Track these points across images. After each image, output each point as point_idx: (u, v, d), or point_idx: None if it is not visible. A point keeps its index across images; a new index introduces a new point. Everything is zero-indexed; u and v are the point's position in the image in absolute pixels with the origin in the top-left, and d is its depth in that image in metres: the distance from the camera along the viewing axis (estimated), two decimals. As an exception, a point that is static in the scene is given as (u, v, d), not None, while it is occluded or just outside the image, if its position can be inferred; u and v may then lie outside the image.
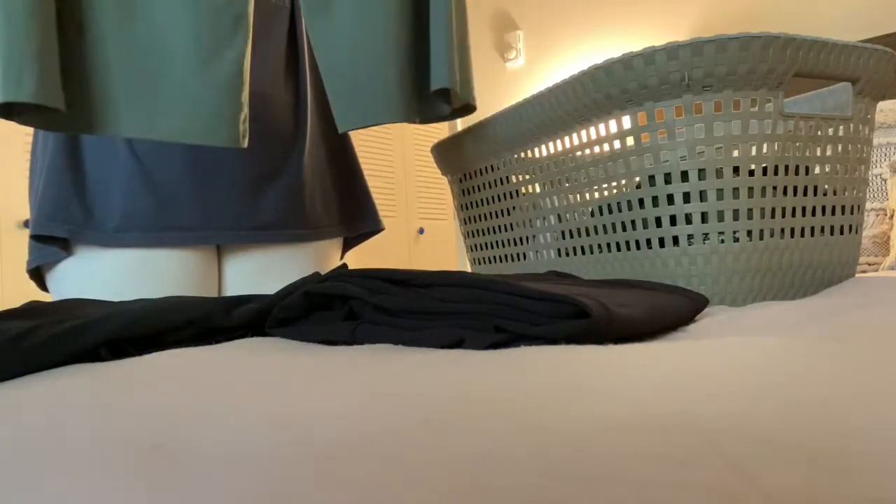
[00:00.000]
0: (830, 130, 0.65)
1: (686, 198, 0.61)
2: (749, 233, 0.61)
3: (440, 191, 3.69)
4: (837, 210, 0.67)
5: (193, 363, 0.38)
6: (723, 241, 0.61)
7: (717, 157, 0.60)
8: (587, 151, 0.70)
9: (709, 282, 0.62)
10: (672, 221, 0.62)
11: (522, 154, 0.80)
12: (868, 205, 1.31)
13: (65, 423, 0.27)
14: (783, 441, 0.19)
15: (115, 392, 0.32)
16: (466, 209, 0.97)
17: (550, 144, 0.75)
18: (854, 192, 0.69)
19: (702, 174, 0.60)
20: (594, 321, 0.37)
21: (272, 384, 0.31)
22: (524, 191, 0.83)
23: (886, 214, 1.29)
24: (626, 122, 0.64)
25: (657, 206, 0.63)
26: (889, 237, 1.28)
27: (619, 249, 0.69)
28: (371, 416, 0.24)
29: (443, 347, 0.40)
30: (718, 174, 0.60)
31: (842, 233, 0.68)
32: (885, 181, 1.30)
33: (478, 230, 0.95)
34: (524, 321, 0.39)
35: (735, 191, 0.60)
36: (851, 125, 0.67)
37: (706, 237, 0.61)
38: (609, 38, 2.29)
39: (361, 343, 0.44)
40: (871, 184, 1.31)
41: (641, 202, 0.64)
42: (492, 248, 0.93)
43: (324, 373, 0.34)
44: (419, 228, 3.46)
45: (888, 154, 1.32)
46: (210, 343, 0.49)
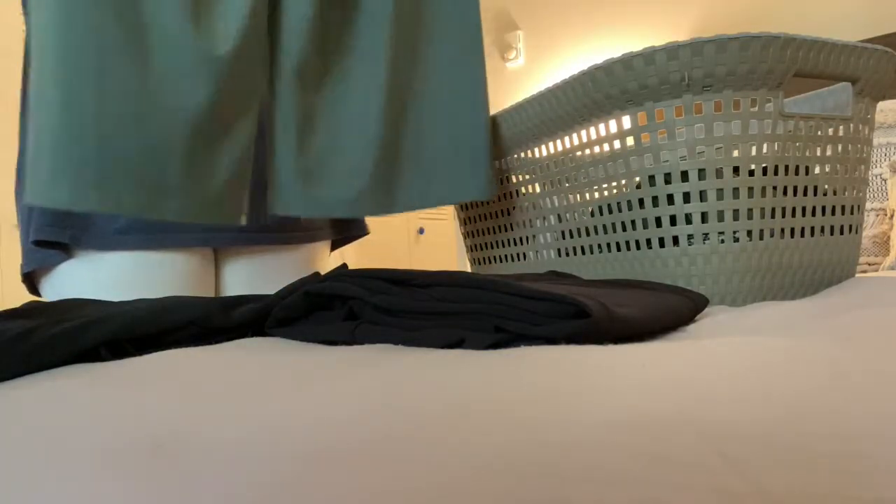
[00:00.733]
0: (830, 130, 0.65)
1: (686, 198, 0.61)
2: (749, 233, 0.61)
3: (440, 191, 3.68)
4: (837, 210, 0.67)
5: (193, 363, 0.38)
6: (723, 241, 0.61)
7: (717, 157, 0.60)
8: (587, 151, 0.70)
9: (709, 282, 0.62)
10: (672, 221, 0.62)
11: (522, 154, 0.80)
12: (868, 205, 1.31)
13: (65, 423, 0.27)
14: (783, 441, 0.19)
15: (115, 392, 0.32)
16: (466, 209, 0.97)
17: (550, 144, 0.75)
18: (854, 192, 0.69)
19: (702, 174, 0.60)
20: (594, 321, 0.37)
21: (272, 384, 0.31)
22: (524, 191, 0.83)
23: (886, 214, 1.29)
24: (626, 122, 0.64)
25: (657, 206, 0.63)
26: (889, 237, 1.28)
27: (619, 249, 0.69)
28: (371, 416, 0.24)
29: (443, 347, 0.40)
30: (718, 174, 0.60)
31: (842, 233, 0.68)
32: (885, 181, 1.30)
33: (478, 230, 0.95)
34: (524, 321, 0.39)
35: (735, 191, 0.60)
36: (851, 125, 0.67)
37: (706, 237, 0.61)
38: (609, 38, 2.29)
39: (361, 343, 0.44)
40: (871, 184, 1.31)
41: (641, 202, 0.64)
42: (492, 248, 0.93)
43: (323, 373, 0.34)
44: (419, 228, 3.46)
45: (888, 154, 1.32)
46: (210, 343, 0.49)
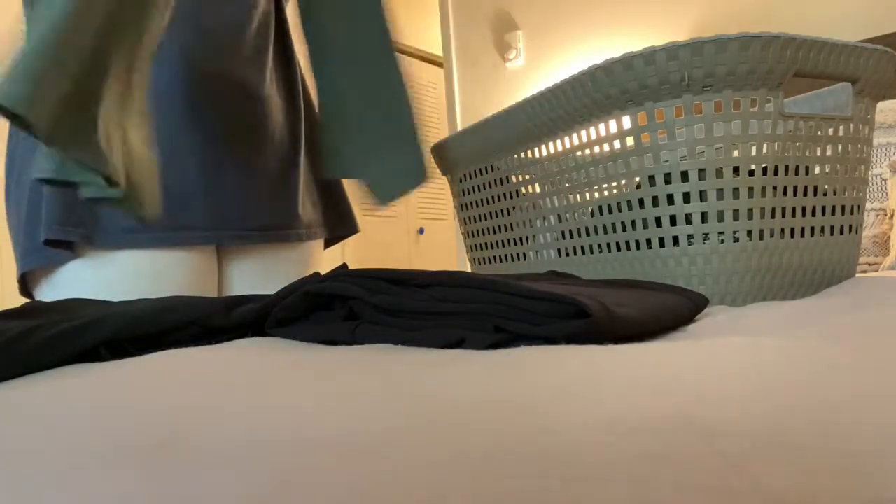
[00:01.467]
0: (830, 130, 0.65)
1: (686, 198, 0.61)
2: (749, 233, 0.61)
3: (440, 191, 3.69)
4: (837, 210, 0.67)
5: (193, 363, 0.38)
6: (723, 241, 0.61)
7: (717, 157, 0.60)
8: (587, 151, 0.70)
9: (709, 282, 0.62)
10: (672, 221, 0.62)
11: (522, 154, 0.80)
12: (868, 205, 1.31)
13: (65, 423, 0.27)
14: (783, 441, 0.19)
15: (115, 392, 0.32)
16: (466, 209, 0.97)
17: (550, 144, 0.75)
18: (854, 192, 0.69)
19: (702, 174, 0.60)
20: (594, 321, 0.37)
21: (272, 384, 0.31)
22: (524, 191, 0.83)
23: (886, 214, 1.29)
24: (626, 122, 0.64)
25: (657, 206, 0.63)
26: (889, 237, 1.28)
27: (619, 249, 0.69)
28: (371, 416, 0.24)
29: (443, 347, 0.40)
30: (718, 174, 0.60)
31: (842, 233, 0.68)
32: (885, 181, 1.30)
33: (478, 230, 0.95)
34: (524, 321, 0.39)
35: (735, 191, 0.60)
36: (851, 125, 0.67)
37: (706, 237, 0.61)
38: (609, 38, 2.29)
39: (361, 343, 0.44)
40: (871, 184, 1.31)
41: (641, 202, 0.64)
42: (492, 248, 0.93)
43: (323, 373, 0.34)
44: (419, 228, 3.46)
45: (888, 154, 1.32)
46: (210, 343, 0.49)
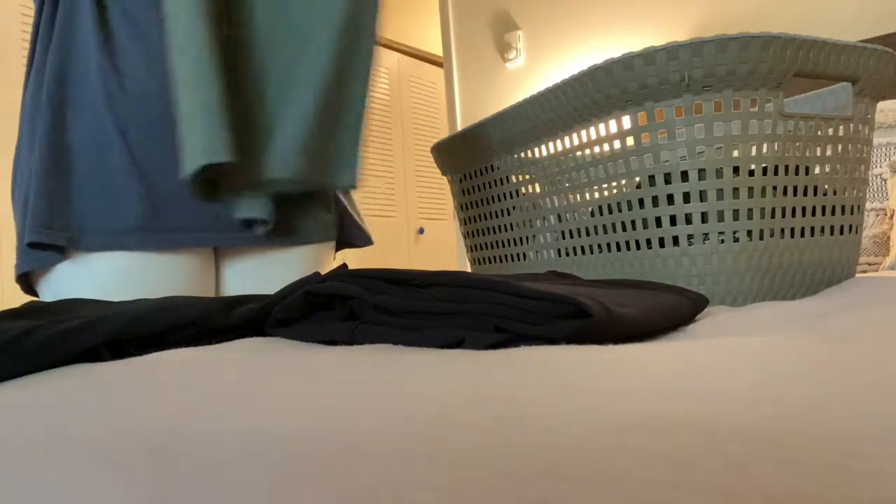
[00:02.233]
0: (830, 130, 0.65)
1: (686, 198, 0.61)
2: (749, 233, 0.61)
3: (440, 191, 3.69)
4: (837, 210, 0.67)
5: (193, 363, 0.38)
6: (723, 241, 0.61)
7: (717, 157, 0.60)
8: (587, 151, 0.70)
9: (709, 282, 0.62)
10: (672, 221, 0.62)
11: (522, 154, 0.80)
12: (868, 205, 1.31)
13: (65, 424, 0.27)
14: (783, 441, 0.19)
15: (115, 392, 0.32)
16: (466, 209, 0.97)
17: (550, 144, 0.75)
18: (854, 192, 0.69)
19: (702, 174, 0.60)
20: (594, 321, 0.37)
21: (272, 384, 0.31)
22: (524, 191, 0.83)
23: (886, 214, 1.29)
24: (626, 122, 0.64)
25: (657, 206, 0.63)
26: (889, 237, 1.28)
27: (619, 249, 0.69)
28: (370, 417, 0.24)
29: (443, 347, 0.40)
30: (718, 174, 0.60)
31: (842, 233, 0.68)
32: (885, 181, 1.30)
33: (478, 230, 0.95)
34: (524, 321, 0.39)
35: (735, 191, 0.60)
36: (851, 125, 0.67)
37: (706, 237, 0.61)
38: (609, 38, 2.29)
39: (361, 343, 0.44)
40: (871, 184, 1.31)
41: (641, 202, 0.64)
42: (492, 248, 0.93)
43: (323, 373, 0.34)
44: (419, 228, 3.47)
45: (888, 154, 1.32)
46: (210, 343, 0.49)
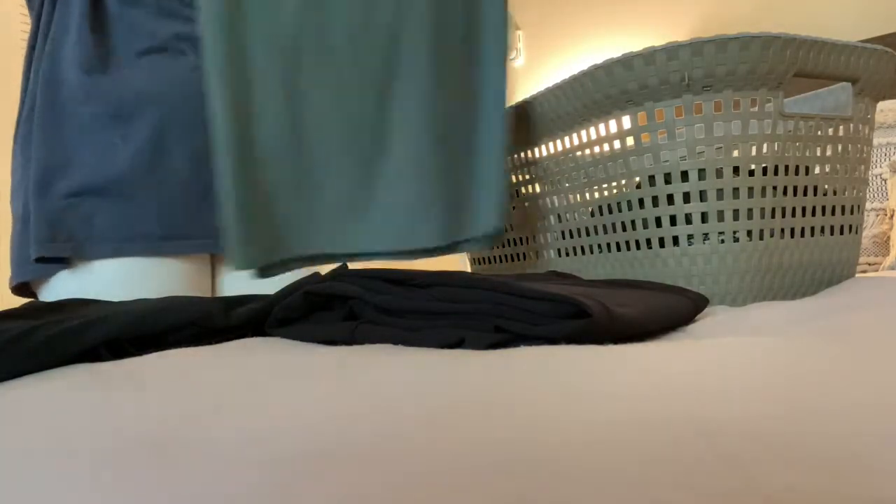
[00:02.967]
0: (830, 130, 0.65)
1: (686, 198, 0.61)
2: (749, 233, 0.61)
3: (440, 191, 3.68)
4: (837, 210, 0.67)
5: (193, 363, 0.38)
6: (723, 241, 0.61)
7: (717, 157, 0.60)
8: (587, 151, 0.70)
9: (709, 282, 0.62)
10: (672, 221, 0.62)
11: (522, 154, 0.80)
12: (868, 205, 1.31)
13: (65, 423, 0.27)
14: (783, 441, 0.19)
15: (115, 392, 0.32)
16: (466, 209, 0.97)
17: (550, 144, 0.75)
18: (854, 192, 0.69)
19: (702, 174, 0.60)
20: (594, 321, 0.37)
21: (272, 384, 0.31)
22: (524, 191, 0.83)
23: (886, 214, 1.29)
24: (626, 122, 0.64)
25: (657, 206, 0.63)
26: (889, 237, 1.28)
27: (619, 249, 0.69)
28: (370, 416, 0.24)
29: (443, 347, 0.40)
30: (718, 174, 0.60)
31: (842, 233, 0.68)
32: (885, 181, 1.30)
33: (478, 230, 0.95)
34: (524, 321, 0.39)
35: (735, 191, 0.60)
36: (851, 125, 0.67)
37: (706, 237, 0.61)
38: (609, 38, 2.29)
39: (361, 343, 0.44)
40: (871, 184, 1.31)
41: (641, 202, 0.64)
42: (492, 248, 0.93)
43: (323, 373, 0.34)
44: (419, 228, 3.46)
45: (888, 154, 1.32)
46: (210, 343, 0.49)
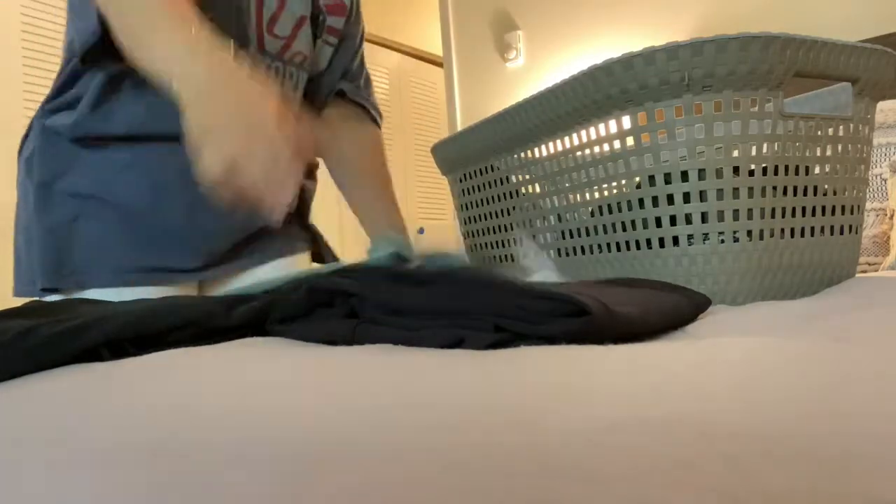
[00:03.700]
0: (830, 130, 0.65)
1: (686, 198, 0.61)
2: (749, 233, 0.61)
3: (440, 191, 3.69)
4: (837, 210, 0.67)
5: (193, 363, 0.38)
6: (723, 241, 0.61)
7: (717, 157, 0.60)
8: (587, 151, 0.70)
9: (709, 282, 0.62)
10: (672, 221, 0.62)
11: (522, 154, 0.80)
12: (868, 205, 1.31)
13: (65, 423, 0.27)
14: (783, 441, 0.19)
15: (115, 392, 0.32)
16: (466, 209, 0.97)
17: (550, 144, 0.75)
18: (854, 192, 0.69)
19: (702, 174, 0.60)
20: (594, 320, 0.37)
21: (272, 384, 0.31)
22: (524, 191, 0.83)
23: (886, 214, 1.29)
24: (626, 122, 0.64)
25: (657, 206, 0.63)
26: (889, 237, 1.28)
27: (619, 249, 0.69)
28: (370, 416, 0.24)
29: (443, 347, 0.40)
30: (718, 174, 0.60)
31: (842, 233, 0.68)
32: (885, 181, 1.30)
33: (478, 230, 0.95)
34: (524, 321, 0.39)
35: (735, 191, 0.60)
36: (851, 125, 0.67)
37: (706, 237, 0.61)
38: (609, 38, 2.29)
39: (361, 342, 0.44)
40: (871, 184, 1.31)
41: (641, 202, 0.64)
42: (492, 248, 0.93)
43: (323, 372, 0.34)
44: (419, 228, 3.46)
45: (888, 154, 1.32)
46: (210, 343, 0.48)
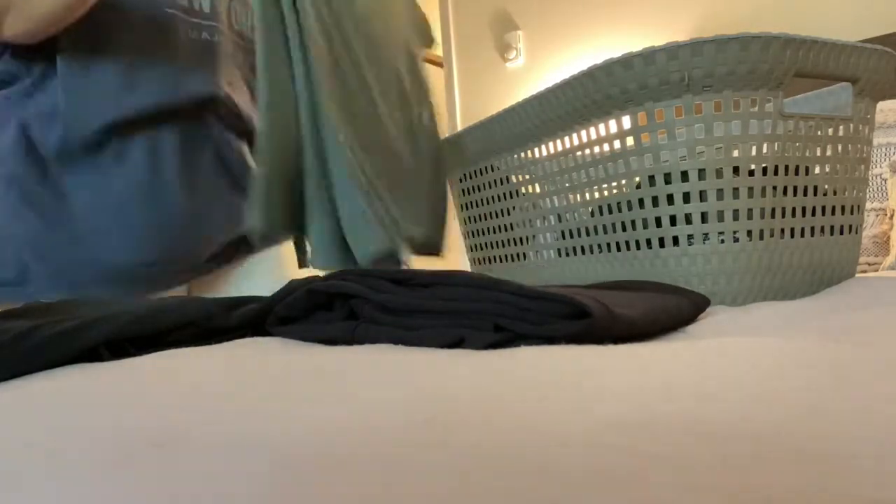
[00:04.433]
0: (830, 130, 0.65)
1: (686, 198, 0.61)
2: (749, 233, 0.61)
3: (440, 191, 3.68)
4: (837, 210, 0.67)
5: (193, 363, 0.38)
6: (723, 241, 0.61)
7: (717, 158, 0.60)
8: (587, 151, 0.70)
9: (709, 282, 0.62)
10: (672, 221, 0.62)
11: (522, 154, 0.80)
12: (868, 205, 1.31)
13: (65, 423, 0.27)
14: (783, 441, 0.19)
15: (116, 392, 0.32)
16: (466, 209, 0.97)
17: (550, 144, 0.75)
18: (854, 192, 0.69)
19: (702, 174, 0.60)
20: (595, 321, 0.37)
21: (272, 384, 0.31)
22: (524, 191, 0.83)
23: (886, 214, 1.29)
24: (626, 122, 0.64)
25: (657, 206, 0.63)
26: (889, 237, 1.28)
27: (619, 249, 0.69)
28: (370, 416, 0.24)
29: (443, 347, 0.40)
30: (718, 174, 0.60)
31: (842, 233, 0.68)
32: (885, 181, 1.30)
33: (478, 230, 0.95)
34: (524, 321, 0.39)
35: (735, 191, 0.60)
36: (851, 125, 0.67)
37: (706, 237, 0.61)
38: (609, 38, 2.29)
39: (361, 343, 0.44)
40: (871, 184, 1.31)
41: (641, 202, 0.64)
42: (492, 248, 0.93)
43: (323, 373, 0.34)
44: (419, 228, 3.46)
45: (888, 154, 1.31)
46: (210, 343, 0.49)
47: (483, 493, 0.17)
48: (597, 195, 0.70)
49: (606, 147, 0.67)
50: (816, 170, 0.65)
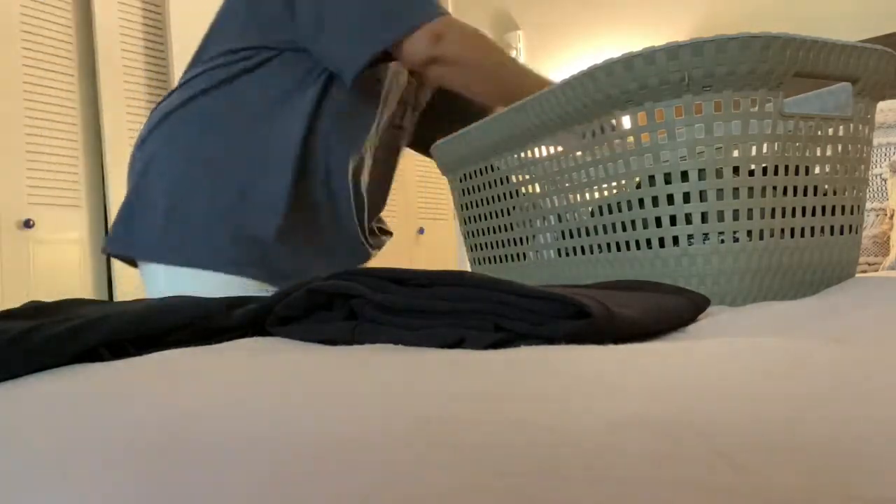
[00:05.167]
0: (830, 130, 0.65)
1: (686, 198, 0.61)
2: (749, 233, 0.61)
3: (440, 191, 3.69)
4: (837, 210, 0.67)
5: (194, 363, 0.38)
6: (723, 241, 0.61)
7: (717, 157, 0.60)
8: (587, 151, 0.70)
9: (709, 282, 0.62)
10: (672, 221, 0.62)
11: (522, 154, 0.80)
12: (868, 205, 1.31)
13: (65, 423, 0.27)
14: (783, 441, 0.19)
15: (116, 392, 0.32)
16: (466, 209, 0.97)
17: (550, 144, 0.75)
18: (854, 192, 0.69)
19: (702, 174, 0.60)
20: (595, 321, 0.37)
21: (272, 384, 0.31)
22: (524, 191, 0.83)
23: (886, 214, 1.29)
24: (626, 122, 0.64)
25: (657, 206, 0.63)
26: (889, 237, 1.28)
27: (620, 249, 0.69)
28: (370, 416, 0.24)
29: (443, 347, 0.40)
30: (718, 174, 0.60)
31: (842, 233, 0.68)
32: (885, 181, 1.30)
33: (478, 230, 0.95)
34: (524, 321, 0.39)
35: (735, 191, 0.60)
36: (851, 125, 0.67)
37: (706, 237, 0.61)
38: (609, 38, 2.29)
39: (361, 343, 0.44)
40: (871, 184, 1.31)
41: (641, 202, 0.64)
42: (492, 248, 0.93)
43: (323, 373, 0.34)
44: (419, 228, 3.46)
45: (888, 154, 1.31)
46: (210, 343, 0.49)
47: (483, 493, 0.17)
48: (597, 195, 0.70)
49: (606, 147, 0.67)
50: (816, 170, 0.65)
